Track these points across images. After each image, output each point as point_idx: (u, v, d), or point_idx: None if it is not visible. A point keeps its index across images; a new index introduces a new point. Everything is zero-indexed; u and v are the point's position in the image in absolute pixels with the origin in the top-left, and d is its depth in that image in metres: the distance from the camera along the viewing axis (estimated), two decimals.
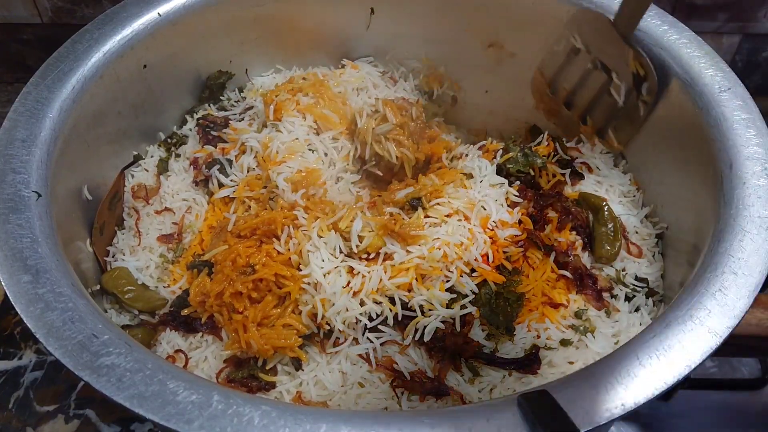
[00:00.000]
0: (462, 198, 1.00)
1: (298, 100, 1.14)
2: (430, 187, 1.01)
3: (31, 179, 0.88)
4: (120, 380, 0.68)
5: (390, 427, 0.65)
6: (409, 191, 1.00)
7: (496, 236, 0.98)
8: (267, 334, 0.90)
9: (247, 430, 0.65)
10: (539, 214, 1.03)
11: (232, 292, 0.92)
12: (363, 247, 0.94)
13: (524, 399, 0.65)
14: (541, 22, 1.17)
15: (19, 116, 0.93)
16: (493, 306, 0.93)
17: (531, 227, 1.01)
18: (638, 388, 0.67)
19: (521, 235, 0.99)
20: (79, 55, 1.03)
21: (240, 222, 0.99)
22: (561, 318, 0.95)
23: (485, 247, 0.96)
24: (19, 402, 1.16)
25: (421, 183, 1.03)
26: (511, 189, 1.05)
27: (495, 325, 0.93)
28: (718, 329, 0.72)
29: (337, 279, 0.92)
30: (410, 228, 0.94)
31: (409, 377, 0.88)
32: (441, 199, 0.99)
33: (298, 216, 0.97)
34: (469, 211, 0.98)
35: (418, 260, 0.92)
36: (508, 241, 0.98)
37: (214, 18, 1.20)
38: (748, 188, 0.84)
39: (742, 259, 0.78)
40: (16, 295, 0.75)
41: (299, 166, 1.05)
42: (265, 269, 0.92)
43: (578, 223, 1.04)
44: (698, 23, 1.04)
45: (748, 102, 0.94)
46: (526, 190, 1.06)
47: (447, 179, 1.04)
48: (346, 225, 0.95)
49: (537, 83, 1.21)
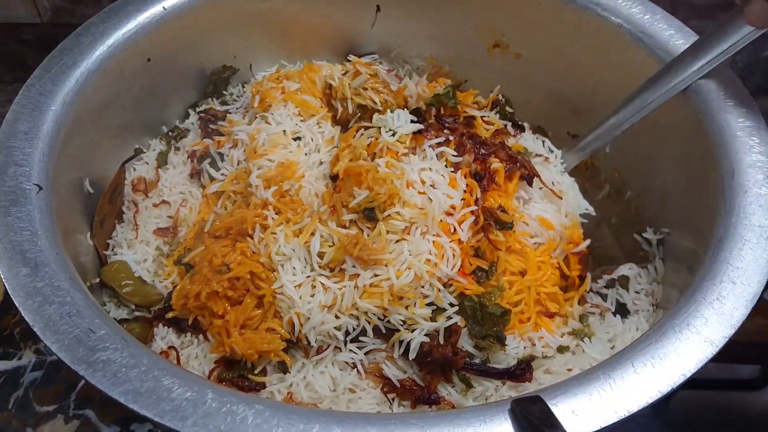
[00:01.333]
0: (412, 197, 0.92)
1: (284, 87, 1.13)
2: (384, 195, 0.92)
3: (32, 172, 0.88)
4: (115, 376, 0.68)
5: (383, 428, 0.65)
6: (362, 197, 0.92)
7: (459, 239, 0.93)
8: (250, 339, 0.90)
9: (240, 429, 0.65)
10: (483, 166, 0.98)
11: (209, 292, 0.91)
12: (325, 262, 0.92)
13: (517, 404, 0.66)
14: (547, 22, 1.16)
15: (21, 108, 0.93)
16: (479, 319, 0.91)
17: (480, 199, 0.96)
18: (632, 395, 0.67)
19: (476, 210, 0.94)
20: (83, 48, 1.03)
21: (216, 222, 0.99)
22: (557, 327, 0.95)
23: (455, 260, 0.91)
24: (19, 402, 1.16)
25: (375, 190, 0.92)
26: (448, 150, 0.98)
27: (482, 337, 0.90)
28: (715, 338, 0.72)
29: (310, 293, 0.90)
30: (371, 253, 0.89)
31: (398, 384, 0.88)
32: (394, 209, 0.91)
33: (268, 216, 0.96)
34: (424, 219, 0.91)
35: (388, 284, 0.89)
36: (471, 239, 0.94)
37: (219, 13, 1.20)
38: (749, 196, 0.84)
39: (741, 269, 0.78)
40: (14, 288, 0.75)
41: (280, 158, 1.02)
42: (240, 267, 0.91)
43: (526, 173, 1.00)
44: (698, 23, 1.04)
45: (751, 109, 0.93)
46: (463, 143, 1.00)
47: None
48: (305, 240, 0.93)
49: None
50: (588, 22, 1.12)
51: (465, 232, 0.93)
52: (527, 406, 0.65)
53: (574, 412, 0.66)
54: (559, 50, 1.19)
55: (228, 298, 0.92)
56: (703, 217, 0.90)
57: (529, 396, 0.67)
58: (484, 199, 0.97)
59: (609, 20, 1.09)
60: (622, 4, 1.09)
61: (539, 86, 1.25)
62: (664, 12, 1.08)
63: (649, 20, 1.07)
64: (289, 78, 1.15)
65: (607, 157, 1.20)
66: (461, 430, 0.65)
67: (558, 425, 0.63)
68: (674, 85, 0.97)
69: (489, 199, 0.98)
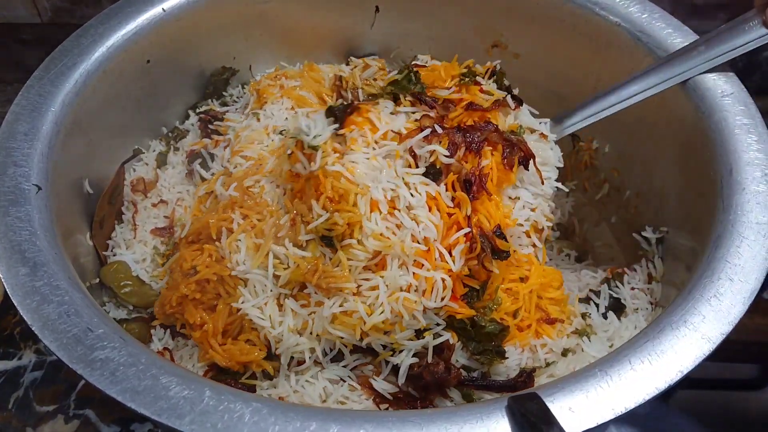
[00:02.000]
0: (375, 226, 0.82)
1: (282, 84, 1.13)
2: (342, 226, 0.83)
3: (31, 172, 0.88)
4: (113, 374, 0.69)
5: (380, 426, 0.65)
6: (320, 221, 0.83)
7: (449, 268, 0.83)
8: (230, 350, 0.88)
9: (238, 427, 0.65)
10: (474, 162, 0.87)
11: (179, 296, 0.90)
12: (282, 283, 0.87)
13: (514, 402, 0.66)
14: (545, 22, 1.16)
15: (21, 109, 0.94)
16: (472, 336, 0.86)
17: (471, 215, 0.85)
18: (629, 392, 0.67)
19: (470, 233, 0.84)
20: (83, 49, 1.03)
21: (192, 226, 0.97)
22: (559, 333, 0.92)
23: (446, 291, 0.82)
24: (19, 402, 1.16)
25: (333, 218, 0.83)
26: (439, 149, 0.86)
27: (479, 353, 0.86)
28: (712, 335, 0.72)
29: (279, 315, 0.87)
30: (331, 281, 0.82)
31: (391, 397, 0.85)
32: (352, 240, 0.83)
33: (234, 220, 0.91)
34: (390, 251, 0.82)
35: (357, 316, 0.81)
36: (463, 268, 0.84)
37: (219, 14, 1.20)
38: (747, 194, 0.84)
39: (739, 266, 0.77)
40: (13, 287, 0.76)
41: (254, 153, 1.00)
42: (207, 270, 0.89)
43: (523, 156, 0.91)
44: (698, 23, 1.04)
45: (750, 107, 0.93)
46: (455, 141, 0.87)
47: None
48: (261, 261, 0.88)
49: None
50: (586, 22, 1.12)
51: (458, 261, 0.84)
52: (524, 404, 0.65)
53: (571, 409, 0.66)
54: (557, 50, 1.19)
55: (200, 302, 0.90)
56: (701, 215, 0.90)
57: (526, 393, 0.67)
58: (474, 211, 0.87)
59: (607, 19, 1.09)
60: (620, 3, 1.09)
61: (538, 86, 1.25)
62: (662, 11, 1.08)
63: (647, 19, 1.07)
64: (289, 77, 1.15)
65: (607, 157, 1.20)
66: (458, 428, 0.65)
67: (555, 422, 0.62)
68: (679, 74, 0.97)
69: (481, 211, 0.87)
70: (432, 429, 0.65)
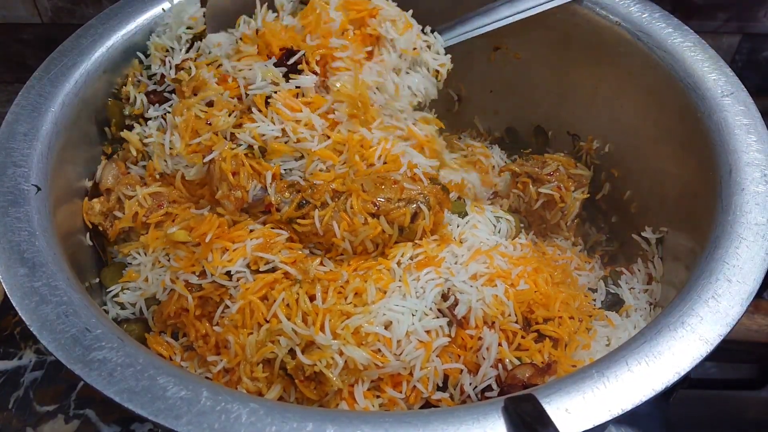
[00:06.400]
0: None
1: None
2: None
3: (31, 173, 0.88)
4: (111, 375, 0.69)
5: (377, 427, 0.65)
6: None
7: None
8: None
9: (235, 427, 0.65)
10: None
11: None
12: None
13: (510, 403, 0.66)
14: (547, 24, 1.16)
15: (21, 110, 0.94)
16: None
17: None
18: (626, 394, 0.67)
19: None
20: (83, 49, 1.04)
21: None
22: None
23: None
24: (19, 402, 1.16)
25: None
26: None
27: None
28: (709, 337, 0.72)
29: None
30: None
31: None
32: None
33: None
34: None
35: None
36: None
37: None
38: (746, 194, 0.84)
39: (737, 267, 0.77)
40: (11, 287, 0.76)
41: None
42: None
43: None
44: (698, 23, 1.03)
45: (750, 107, 0.93)
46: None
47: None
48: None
49: None
50: (587, 21, 1.11)
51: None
52: (520, 405, 0.65)
53: (567, 411, 0.66)
54: (558, 50, 1.18)
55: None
56: (701, 215, 0.90)
57: (522, 394, 0.67)
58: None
59: (608, 19, 1.09)
60: (621, 3, 1.09)
61: (538, 86, 1.25)
62: (662, 10, 1.07)
63: (647, 19, 1.07)
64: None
65: (607, 157, 1.20)
66: (454, 429, 0.65)
67: (550, 423, 0.62)
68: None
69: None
70: (428, 430, 0.65)
